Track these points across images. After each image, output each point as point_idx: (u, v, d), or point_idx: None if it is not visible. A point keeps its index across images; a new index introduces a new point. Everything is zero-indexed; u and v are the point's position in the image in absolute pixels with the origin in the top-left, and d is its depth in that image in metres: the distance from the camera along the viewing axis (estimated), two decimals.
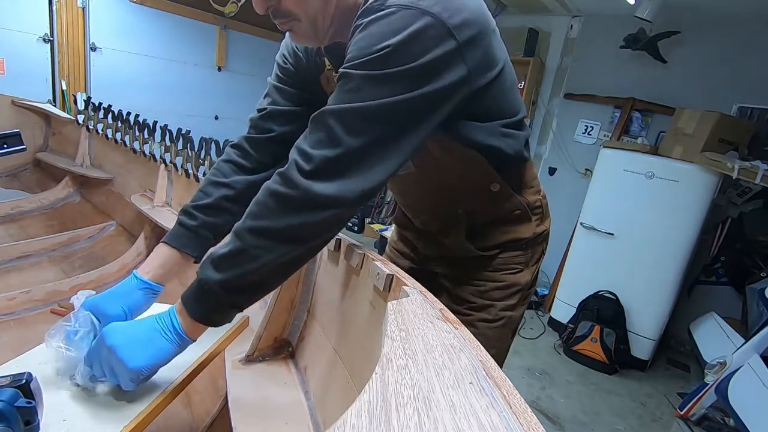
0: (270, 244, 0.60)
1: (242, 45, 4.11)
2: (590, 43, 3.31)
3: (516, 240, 0.89)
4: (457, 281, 0.94)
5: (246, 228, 0.61)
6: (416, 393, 0.37)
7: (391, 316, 0.52)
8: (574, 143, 3.47)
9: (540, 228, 0.92)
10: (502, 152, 0.78)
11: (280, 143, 0.87)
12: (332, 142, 0.59)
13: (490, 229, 0.89)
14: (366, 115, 0.59)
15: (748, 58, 2.69)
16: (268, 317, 0.91)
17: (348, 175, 0.59)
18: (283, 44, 0.89)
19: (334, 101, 0.61)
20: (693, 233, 2.49)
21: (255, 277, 0.61)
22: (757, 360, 1.86)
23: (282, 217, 0.59)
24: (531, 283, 0.95)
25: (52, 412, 0.60)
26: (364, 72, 0.58)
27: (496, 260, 0.91)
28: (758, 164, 2.18)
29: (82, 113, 2.09)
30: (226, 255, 0.61)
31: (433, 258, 0.99)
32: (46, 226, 1.85)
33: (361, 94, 0.59)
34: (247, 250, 0.60)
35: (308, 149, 0.59)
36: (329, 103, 0.61)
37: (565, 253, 3.16)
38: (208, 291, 0.61)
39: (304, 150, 0.60)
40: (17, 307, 1.23)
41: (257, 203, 0.62)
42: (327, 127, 0.59)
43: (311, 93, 0.86)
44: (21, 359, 0.70)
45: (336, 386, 0.76)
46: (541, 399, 2.27)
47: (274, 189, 0.60)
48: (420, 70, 0.58)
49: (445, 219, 0.90)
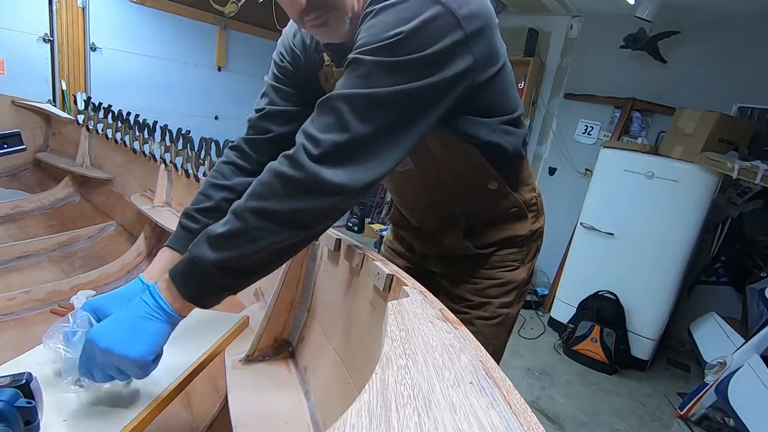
0: (272, 226, 0.59)
1: (242, 45, 4.11)
2: (590, 43, 3.31)
3: (513, 237, 0.90)
4: (454, 280, 0.95)
5: (248, 208, 0.59)
6: (416, 393, 0.37)
7: (391, 316, 0.52)
8: (574, 143, 3.47)
9: (535, 225, 0.93)
10: (501, 148, 0.78)
11: (279, 144, 0.86)
12: (341, 127, 0.58)
13: (488, 227, 0.89)
14: (376, 101, 0.58)
15: (748, 58, 2.69)
16: (268, 317, 0.91)
17: (355, 162, 0.59)
18: (280, 42, 0.88)
19: (344, 86, 0.60)
20: (693, 233, 2.49)
21: (252, 260, 0.60)
22: (757, 360, 1.86)
23: (287, 200, 0.58)
24: (527, 280, 0.96)
25: (52, 412, 0.60)
26: (375, 58, 0.58)
27: (493, 258, 0.92)
28: (758, 164, 2.18)
29: (82, 113, 2.09)
30: (225, 234, 0.59)
31: (429, 257, 0.99)
32: (46, 226, 1.85)
33: (372, 80, 0.58)
34: (248, 232, 0.58)
35: (316, 133, 0.58)
36: (337, 88, 0.61)
37: (565, 253, 3.16)
38: (201, 270, 0.59)
39: (311, 134, 0.59)
40: (17, 307, 1.23)
41: (262, 184, 0.60)
42: (336, 112, 0.58)
43: (309, 91, 0.86)
44: (21, 359, 0.70)
45: (336, 386, 0.76)
46: (541, 399, 2.27)
47: (281, 171, 0.59)
48: (431, 58, 0.58)
49: (442, 217, 0.91)
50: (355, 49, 0.61)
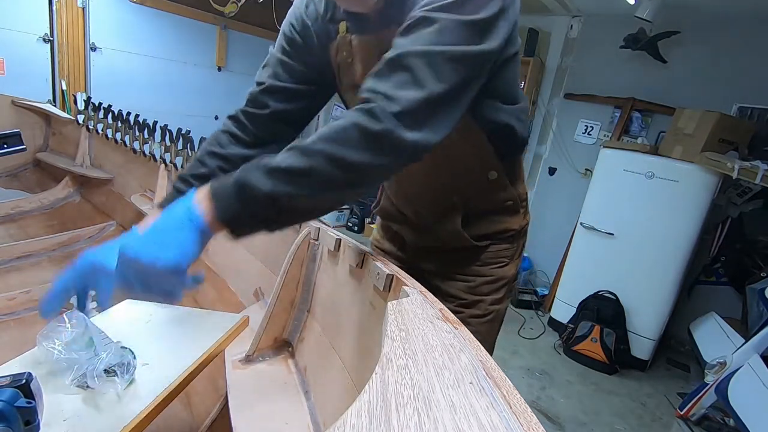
0: (339, 174, 0.56)
1: (242, 45, 4.11)
2: (590, 43, 3.31)
3: (505, 231, 0.92)
4: (446, 278, 0.95)
5: (320, 150, 0.56)
6: (416, 393, 0.37)
7: (391, 316, 0.52)
8: (574, 143, 3.47)
9: (524, 221, 0.96)
10: (514, 134, 0.80)
11: (277, 121, 0.85)
12: (417, 84, 0.56)
13: (483, 218, 0.91)
14: (452, 58, 0.57)
15: (748, 58, 2.69)
16: (268, 317, 0.91)
17: (430, 122, 0.58)
18: (291, 13, 0.85)
19: (415, 43, 0.58)
20: (693, 233, 2.49)
21: (305, 202, 0.58)
22: (757, 360, 1.86)
23: (361, 153, 0.56)
24: (515, 277, 0.99)
25: (52, 412, 0.60)
26: (450, 15, 0.57)
27: (486, 254, 0.93)
28: (758, 164, 2.18)
29: (82, 113, 2.09)
30: (288, 170, 0.55)
31: (421, 254, 0.99)
32: (46, 226, 1.85)
33: (446, 36, 0.57)
34: (313, 173, 0.55)
35: (391, 91, 0.56)
36: (402, 46, 0.58)
37: (565, 253, 3.16)
38: (249, 197, 0.55)
39: (385, 92, 0.56)
40: (17, 307, 1.23)
41: (338, 130, 0.57)
42: (410, 69, 0.56)
43: (315, 68, 0.84)
44: (21, 359, 0.70)
45: (336, 386, 0.76)
46: (541, 399, 2.27)
47: (361, 123, 0.56)
48: (495, 22, 0.59)
49: (441, 207, 0.91)
50: (421, 6, 0.60)
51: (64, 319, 0.67)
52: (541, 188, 3.67)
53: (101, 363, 0.65)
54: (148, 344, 0.78)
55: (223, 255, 1.35)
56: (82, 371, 0.65)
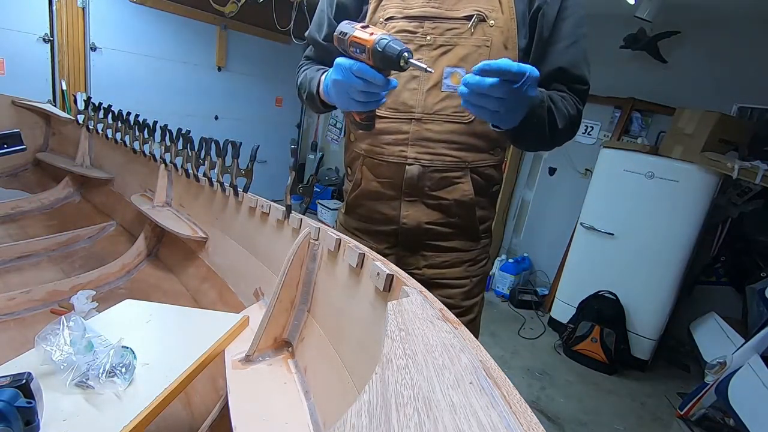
0: (569, 127, 0.86)
1: (242, 45, 4.11)
2: (590, 43, 3.30)
3: (489, 221, 0.98)
4: (445, 286, 0.96)
5: (573, 116, 0.87)
6: (416, 393, 0.37)
7: (391, 316, 0.52)
8: (574, 143, 3.45)
9: (493, 214, 1.01)
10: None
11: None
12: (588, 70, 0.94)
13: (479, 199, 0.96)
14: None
15: (748, 58, 2.69)
16: (268, 317, 0.91)
17: None
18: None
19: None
20: (693, 233, 2.49)
21: (551, 131, 0.82)
22: (757, 360, 1.86)
23: (577, 120, 0.89)
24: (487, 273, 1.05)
25: (52, 412, 0.60)
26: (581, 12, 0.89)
27: (477, 251, 0.96)
28: (758, 164, 2.17)
29: (82, 113, 2.08)
30: (562, 111, 0.84)
31: (410, 261, 0.98)
32: (46, 226, 1.84)
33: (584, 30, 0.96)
34: (566, 121, 0.84)
35: (588, 76, 0.92)
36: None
37: (565, 253, 3.16)
38: (538, 118, 0.78)
39: (586, 77, 0.92)
40: (17, 307, 1.23)
41: (575, 106, 0.89)
42: (586, 55, 0.97)
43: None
44: (21, 359, 0.70)
45: (336, 386, 0.76)
46: (541, 399, 2.27)
47: (578, 106, 0.89)
48: None
49: (452, 171, 0.90)
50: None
51: (62, 320, 0.68)
52: (541, 188, 3.67)
53: (101, 363, 0.66)
54: (148, 344, 0.78)
55: (223, 255, 1.35)
56: (82, 371, 0.65)
